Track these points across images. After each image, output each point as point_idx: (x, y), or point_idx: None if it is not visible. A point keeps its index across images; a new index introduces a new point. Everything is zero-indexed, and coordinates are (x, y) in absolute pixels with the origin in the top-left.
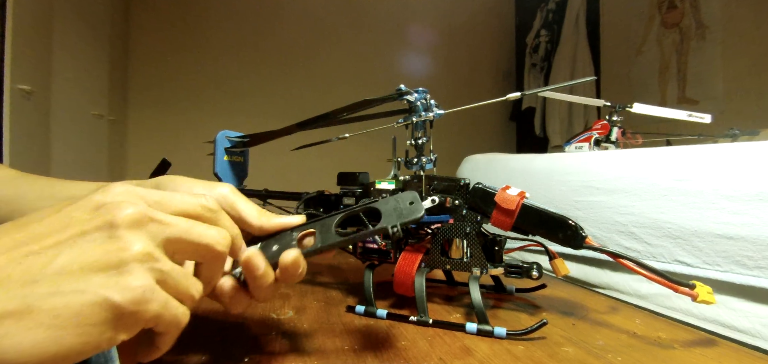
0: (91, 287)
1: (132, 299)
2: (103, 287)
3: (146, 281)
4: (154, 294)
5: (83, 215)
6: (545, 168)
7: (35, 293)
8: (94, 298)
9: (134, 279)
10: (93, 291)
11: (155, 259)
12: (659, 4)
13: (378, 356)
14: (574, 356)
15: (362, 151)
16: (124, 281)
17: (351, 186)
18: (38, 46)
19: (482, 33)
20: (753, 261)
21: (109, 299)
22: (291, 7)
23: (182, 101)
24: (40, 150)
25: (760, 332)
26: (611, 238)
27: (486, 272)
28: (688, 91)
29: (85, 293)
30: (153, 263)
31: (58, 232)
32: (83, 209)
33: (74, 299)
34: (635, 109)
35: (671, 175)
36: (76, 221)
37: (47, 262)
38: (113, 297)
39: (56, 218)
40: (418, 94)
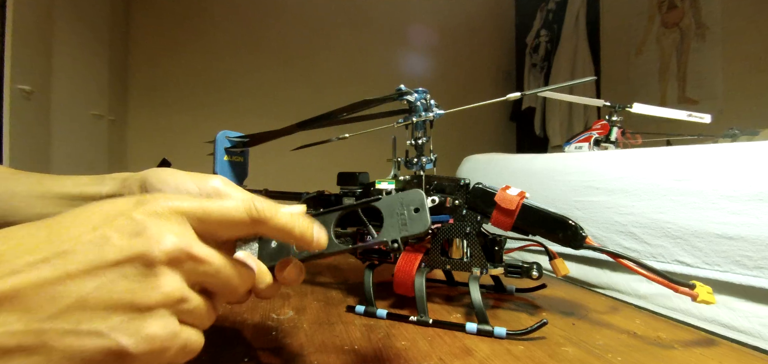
0: (109, 330)
1: (149, 349)
2: (121, 332)
3: (168, 329)
4: (173, 341)
5: (121, 241)
6: (545, 168)
7: (54, 329)
8: (108, 344)
9: (157, 326)
10: (110, 336)
11: (184, 300)
12: (659, 4)
13: (378, 356)
14: (574, 356)
15: (362, 151)
16: (145, 328)
17: (351, 186)
18: (38, 46)
19: (482, 33)
20: (753, 261)
21: (124, 348)
22: (291, 8)
23: (182, 101)
24: (40, 150)
25: (759, 333)
26: (611, 238)
27: (486, 272)
28: (688, 91)
29: (101, 336)
30: (181, 305)
31: (91, 253)
32: (122, 232)
33: (89, 343)
34: (635, 109)
35: (671, 175)
36: (112, 247)
37: (75, 291)
38: (129, 346)
39: (92, 237)
40: (418, 94)
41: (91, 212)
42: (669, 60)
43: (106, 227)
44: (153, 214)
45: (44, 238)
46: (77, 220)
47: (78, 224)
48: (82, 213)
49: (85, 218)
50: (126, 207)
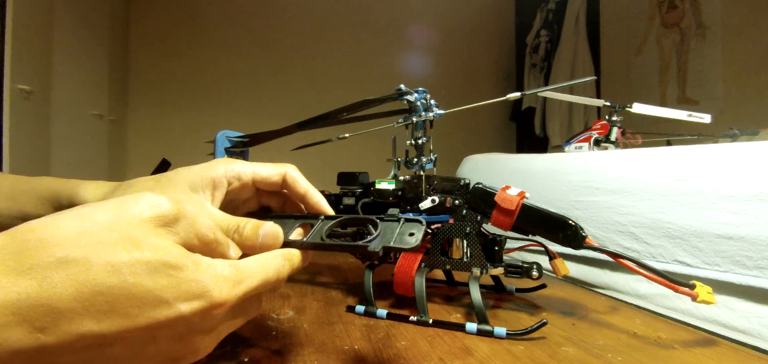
0: None
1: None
2: None
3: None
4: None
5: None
6: (545, 168)
7: None
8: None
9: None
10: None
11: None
12: (659, 4)
13: (378, 356)
14: (574, 356)
15: (362, 151)
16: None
17: (351, 186)
18: (38, 46)
19: (482, 33)
20: (752, 261)
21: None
22: (291, 8)
23: (182, 101)
24: (40, 150)
25: (759, 332)
26: (611, 238)
27: (486, 272)
28: (688, 91)
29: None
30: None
31: (132, 349)
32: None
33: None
34: (635, 109)
35: (671, 175)
36: (156, 342)
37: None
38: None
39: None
40: (418, 94)
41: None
42: (669, 60)
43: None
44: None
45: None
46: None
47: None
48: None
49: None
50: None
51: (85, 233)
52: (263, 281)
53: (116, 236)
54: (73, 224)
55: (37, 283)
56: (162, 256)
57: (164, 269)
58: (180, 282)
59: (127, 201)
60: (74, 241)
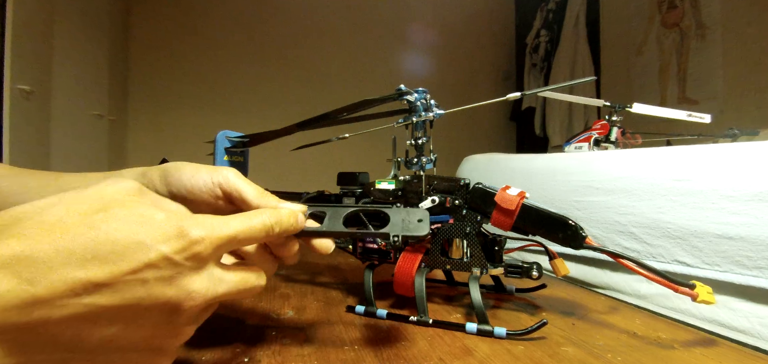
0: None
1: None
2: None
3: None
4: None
5: (155, 288)
6: (545, 168)
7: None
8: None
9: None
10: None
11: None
12: (659, 4)
13: (378, 356)
14: (574, 356)
15: (362, 151)
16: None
17: (351, 186)
18: (38, 46)
19: (482, 33)
20: (752, 261)
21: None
22: (291, 8)
23: (182, 101)
24: (40, 150)
25: (759, 333)
26: (611, 238)
27: (486, 272)
28: (688, 91)
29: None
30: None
31: (125, 301)
32: (158, 272)
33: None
34: (635, 109)
35: (671, 175)
36: (146, 286)
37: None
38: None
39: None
40: (418, 94)
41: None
42: (669, 60)
43: (146, 268)
44: (192, 252)
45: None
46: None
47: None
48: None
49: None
50: (98, 183)
51: (60, 203)
52: (247, 229)
53: (88, 205)
54: (51, 199)
55: (17, 241)
56: (134, 208)
57: (138, 218)
58: (155, 225)
59: (100, 185)
60: (49, 209)
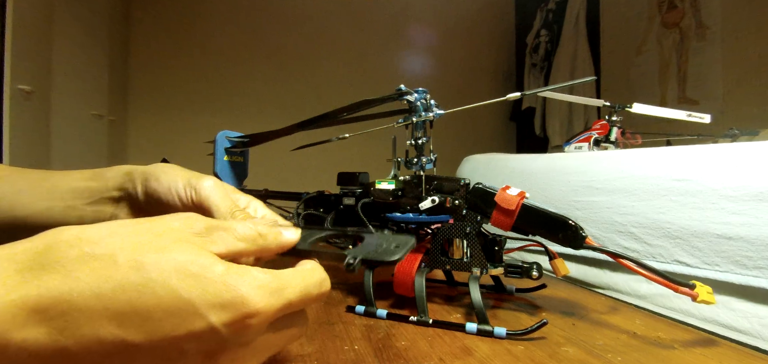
0: None
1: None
2: None
3: None
4: None
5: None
6: (545, 168)
7: None
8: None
9: None
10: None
11: None
12: (659, 4)
13: (378, 356)
14: (574, 356)
15: (362, 151)
16: None
17: (351, 186)
18: (38, 46)
19: (482, 33)
20: (752, 261)
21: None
22: (291, 8)
23: (182, 101)
24: (40, 150)
25: (759, 333)
26: (611, 238)
27: (486, 272)
28: (688, 91)
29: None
30: None
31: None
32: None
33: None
34: (635, 109)
35: (671, 175)
36: (182, 357)
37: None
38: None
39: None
40: (418, 94)
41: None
42: (669, 60)
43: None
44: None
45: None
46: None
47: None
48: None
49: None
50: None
51: (114, 234)
52: (304, 292)
53: (145, 239)
54: (104, 228)
55: (60, 277)
56: (192, 256)
57: (193, 271)
58: (210, 285)
59: (159, 217)
60: (101, 239)
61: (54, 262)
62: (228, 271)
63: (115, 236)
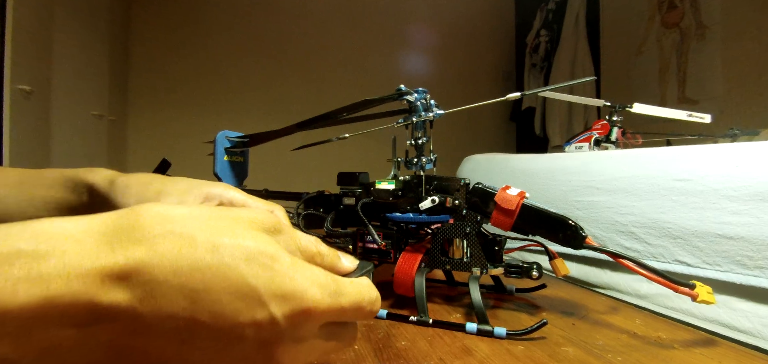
0: None
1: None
2: None
3: None
4: None
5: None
6: (545, 168)
7: None
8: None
9: None
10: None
11: None
12: (659, 4)
13: (378, 356)
14: (574, 356)
15: (362, 151)
16: None
17: (351, 186)
18: (38, 46)
19: (482, 33)
20: (753, 261)
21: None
22: (291, 8)
23: (182, 101)
24: (40, 150)
25: (760, 333)
26: (611, 238)
27: (486, 272)
28: (688, 91)
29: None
30: None
31: (214, 348)
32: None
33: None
34: (635, 109)
35: (672, 175)
36: (241, 343)
37: None
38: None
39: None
40: (418, 94)
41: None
42: (669, 60)
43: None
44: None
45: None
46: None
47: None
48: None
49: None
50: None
51: (194, 217)
52: (358, 304)
53: (222, 224)
54: (183, 209)
55: (144, 249)
56: (262, 246)
57: (262, 258)
58: (275, 275)
59: (230, 208)
60: (184, 220)
61: (140, 236)
62: (293, 264)
63: (196, 219)
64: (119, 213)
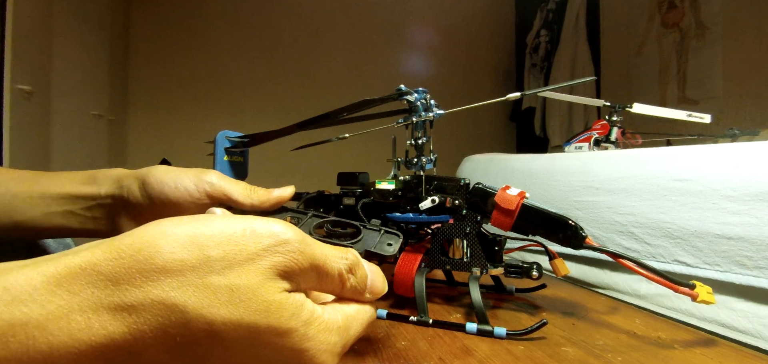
0: None
1: None
2: None
3: None
4: None
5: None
6: (545, 168)
7: None
8: None
9: None
10: None
11: None
12: (659, 4)
13: (378, 356)
14: (574, 356)
15: (362, 151)
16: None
17: (351, 186)
18: (38, 46)
19: (482, 33)
20: (753, 261)
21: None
22: (291, 8)
23: (182, 101)
24: (40, 150)
25: (760, 333)
26: (611, 238)
27: (486, 272)
28: (688, 91)
29: None
30: None
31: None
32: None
33: None
34: (635, 109)
35: (671, 175)
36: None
37: None
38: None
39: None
40: (418, 94)
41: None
42: (669, 60)
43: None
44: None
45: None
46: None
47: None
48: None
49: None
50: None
51: (191, 271)
52: (360, 335)
53: (225, 283)
54: (181, 254)
55: (127, 328)
56: (270, 321)
57: (269, 337)
58: (285, 353)
59: (251, 236)
60: (177, 279)
61: (122, 304)
62: (306, 329)
63: (193, 271)
64: (93, 256)
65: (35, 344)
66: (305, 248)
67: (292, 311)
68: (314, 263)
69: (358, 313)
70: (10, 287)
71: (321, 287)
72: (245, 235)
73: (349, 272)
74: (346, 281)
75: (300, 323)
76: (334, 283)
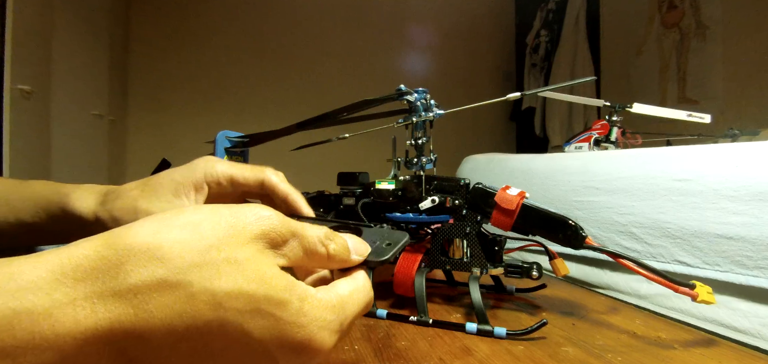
0: None
1: None
2: None
3: None
4: None
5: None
6: (545, 168)
7: None
8: None
9: None
10: None
11: None
12: (659, 4)
13: (378, 356)
14: (574, 356)
15: (362, 151)
16: None
17: (351, 186)
18: (38, 46)
19: (482, 33)
20: (753, 261)
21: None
22: (291, 8)
23: (182, 101)
24: (40, 150)
25: (760, 333)
26: (611, 238)
27: (486, 272)
28: (688, 91)
29: None
30: None
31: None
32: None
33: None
34: (635, 109)
35: (671, 175)
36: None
37: None
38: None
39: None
40: (418, 94)
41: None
42: (669, 60)
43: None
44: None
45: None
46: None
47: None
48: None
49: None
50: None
51: (189, 250)
52: (358, 316)
53: (221, 256)
54: (178, 235)
55: (133, 310)
56: (266, 290)
57: (267, 306)
58: (283, 326)
59: (236, 213)
60: (177, 258)
61: (126, 288)
62: (300, 309)
63: (190, 253)
64: (96, 247)
65: (41, 331)
66: (284, 219)
67: (285, 283)
68: (294, 231)
69: (353, 293)
70: (15, 276)
71: (307, 259)
72: (233, 214)
73: (328, 238)
74: (327, 246)
75: (295, 297)
76: (317, 252)
